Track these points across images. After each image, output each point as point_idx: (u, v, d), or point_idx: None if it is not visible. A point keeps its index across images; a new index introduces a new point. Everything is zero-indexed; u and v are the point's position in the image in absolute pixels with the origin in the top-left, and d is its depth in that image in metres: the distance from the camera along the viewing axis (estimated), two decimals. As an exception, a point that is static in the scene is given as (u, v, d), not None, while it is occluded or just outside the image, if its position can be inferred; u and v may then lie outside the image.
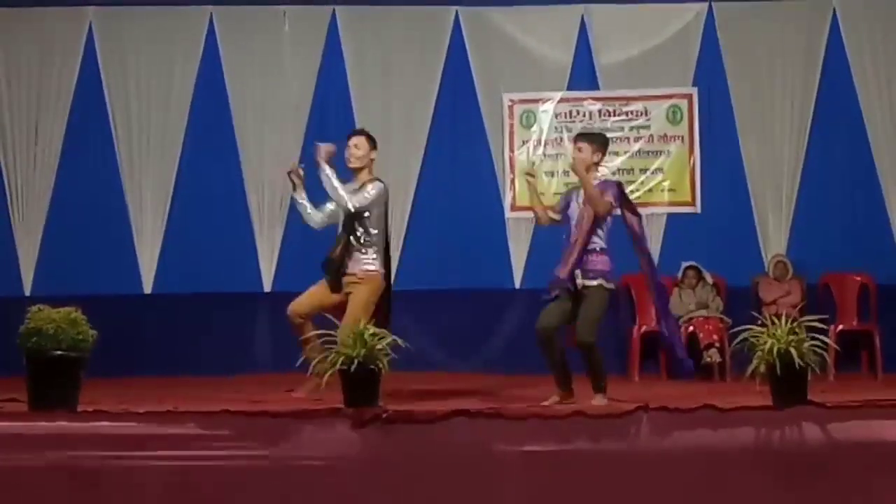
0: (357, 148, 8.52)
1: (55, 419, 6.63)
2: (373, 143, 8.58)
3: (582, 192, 8.15)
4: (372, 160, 8.55)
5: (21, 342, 6.80)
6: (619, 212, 8.22)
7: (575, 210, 8.18)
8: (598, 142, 8.39)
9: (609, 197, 8.11)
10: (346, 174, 8.52)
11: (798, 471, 6.39)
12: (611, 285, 8.10)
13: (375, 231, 8.43)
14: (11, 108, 11.91)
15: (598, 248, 8.07)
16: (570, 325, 8.00)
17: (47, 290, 10.55)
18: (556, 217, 8.33)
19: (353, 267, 8.36)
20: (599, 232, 8.08)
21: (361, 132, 8.67)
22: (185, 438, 6.55)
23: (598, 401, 7.85)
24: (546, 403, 7.67)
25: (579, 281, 8.00)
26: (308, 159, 8.80)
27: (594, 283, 8.01)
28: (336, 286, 8.32)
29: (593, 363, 8.02)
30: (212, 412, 6.83)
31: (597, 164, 8.31)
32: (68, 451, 6.47)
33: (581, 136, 8.46)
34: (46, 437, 6.52)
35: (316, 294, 8.37)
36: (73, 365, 6.82)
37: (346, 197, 8.31)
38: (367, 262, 8.36)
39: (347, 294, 8.30)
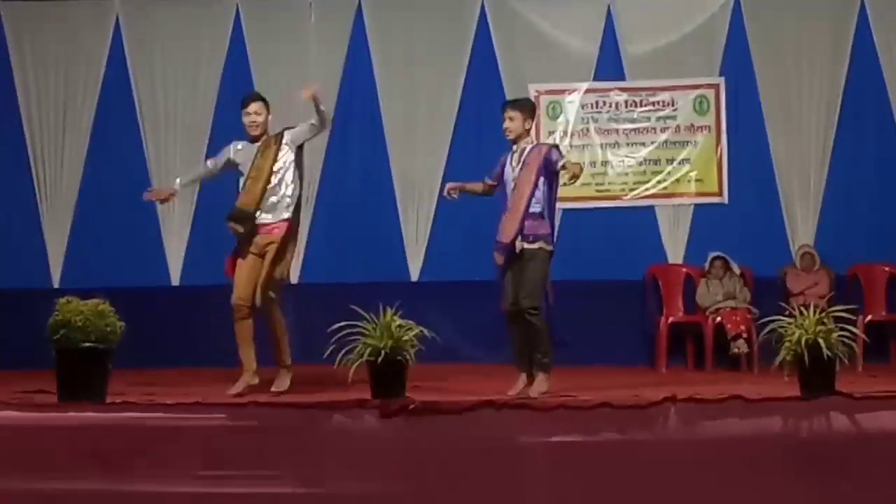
0: (258, 114, 8.55)
1: (83, 410, 6.68)
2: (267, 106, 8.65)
3: (516, 155, 8.12)
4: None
5: (50, 334, 6.85)
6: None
7: (510, 174, 8.14)
8: (529, 108, 8.39)
9: (562, 159, 8.01)
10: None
11: (826, 461, 6.38)
12: (550, 247, 8.02)
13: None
14: (39, 101, 11.99)
15: (537, 212, 8.00)
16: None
17: (75, 283, 10.60)
18: (493, 183, 8.31)
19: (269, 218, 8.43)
20: (538, 195, 8.01)
21: (259, 97, 8.70)
22: (212, 430, 6.58)
23: (540, 385, 7.76)
24: (513, 392, 7.64)
25: (519, 244, 7.94)
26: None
27: (534, 246, 7.95)
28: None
29: (535, 332, 7.88)
30: (239, 403, 6.87)
31: (528, 130, 8.25)
32: (96, 441, 6.51)
33: (511, 105, 8.38)
34: (75, 428, 6.57)
35: (245, 275, 8.38)
36: (101, 356, 6.87)
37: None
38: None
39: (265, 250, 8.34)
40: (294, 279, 11.48)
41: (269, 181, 8.39)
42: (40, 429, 6.59)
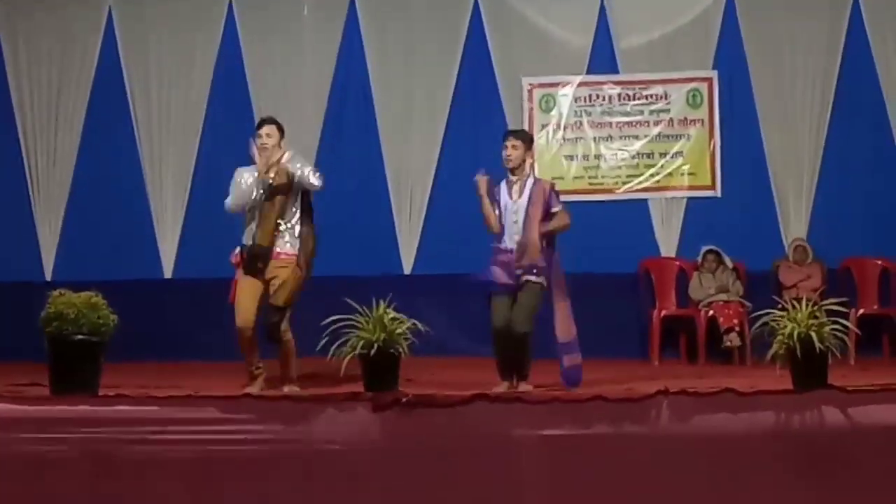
0: (269, 137, 8.43)
1: (76, 403, 6.67)
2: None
3: (516, 186, 8.32)
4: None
5: (42, 327, 6.84)
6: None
7: (509, 204, 8.31)
8: (529, 140, 8.63)
9: (559, 206, 8.38)
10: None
11: (818, 454, 6.38)
12: (545, 281, 8.22)
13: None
14: (32, 94, 11.99)
15: (542, 248, 8.24)
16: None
17: (68, 275, 10.61)
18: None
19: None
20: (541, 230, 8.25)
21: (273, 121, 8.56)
22: (205, 422, 6.57)
23: (525, 388, 8.02)
24: (499, 390, 7.71)
25: (526, 276, 8.18)
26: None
27: (536, 278, 8.17)
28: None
29: (523, 353, 8.15)
30: (232, 396, 6.87)
31: (525, 162, 8.46)
32: (89, 434, 6.50)
33: (514, 134, 8.60)
34: (68, 421, 6.56)
35: (253, 296, 8.30)
36: (94, 349, 6.87)
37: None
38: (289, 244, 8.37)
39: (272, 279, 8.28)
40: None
41: (280, 214, 8.35)
42: (33, 421, 6.57)
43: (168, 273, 11.85)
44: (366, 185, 11.80)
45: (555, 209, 8.32)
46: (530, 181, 8.38)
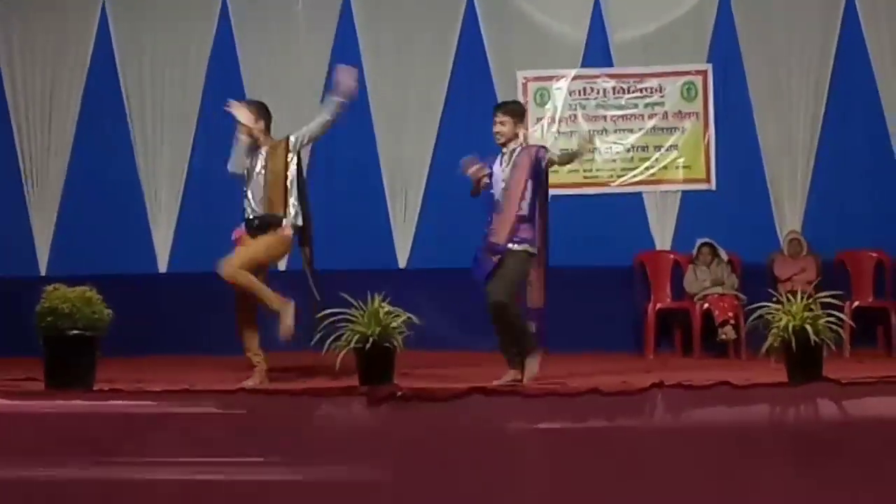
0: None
1: (71, 398, 6.66)
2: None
3: (506, 156, 8.13)
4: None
5: (37, 321, 6.83)
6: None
7: (499, 174, 8.13)
8: (520, 112, 8.43)
9: (555, 154, 8.24)
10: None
11: (813, 447, 6.38)
12: (533, 249, 8.04)
13: None
14: (26, 89, 11.98)
15: (524, 215, 8.01)
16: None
17: (62, 270, 10.58)
18: (487, 181, 8.25)
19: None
20: (527, 196, 8.02)
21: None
22: (201, 417, 6.57)
23: (532, 367, 7.84)
24: (499, 382, 7.60)
25: (507, 246, 7.98)
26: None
27: (519, 247, 7.96)
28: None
29: (511, 326, 7.89)
30: (228, 391, 6.86)
31: (517, 134, 8.26)
32: (84, 429, 6.50)
33: (502, 109, 8.37)
34: (63, 416, 6.55)
35: (246, 250, 8.31)
36: (89, 344, 6.85)
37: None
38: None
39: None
40: (282, 266, 11.48)
41: (286, 187, 8.36)
42: (28, 416, 6.57)
43: (163, 267, 11.85)
44: (360, 178, 11.80)
45: (546, 159, 8.08)
46: (518, 148, 8.17)
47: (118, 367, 7.68)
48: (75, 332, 6.79)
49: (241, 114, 8.45)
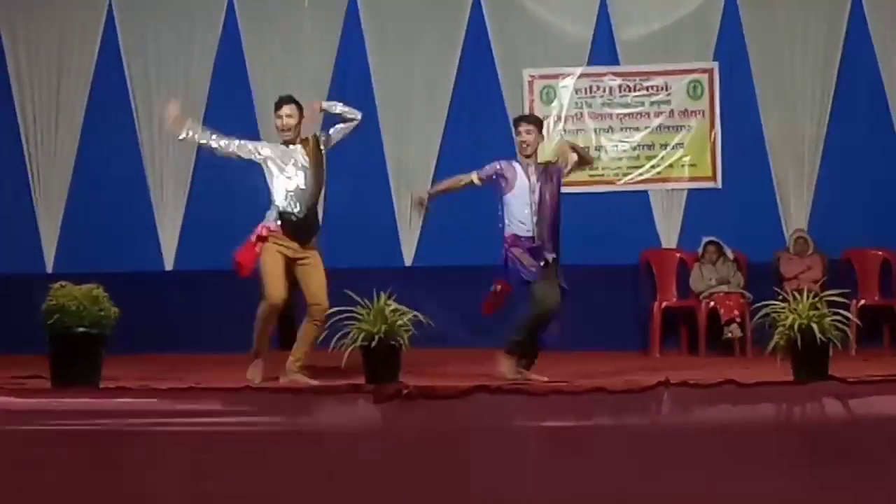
0: (290, 117, 8.44)
1: (77, 395, 6.67)
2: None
3: (530, 167, 8.40)
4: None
5: (43, 319, 6.84)
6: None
7: (526, 184, 8.36)
8: (541, 124, 8.72)
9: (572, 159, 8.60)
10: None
11: (819, 446, 6.39)
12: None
13: None
14: (32, 87, 11.96)
15: (559, 227, 8.42)
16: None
17: (69, 268, 10.58)
18: (479, 183, 8.54)
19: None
20: (559, 210, 8.43)
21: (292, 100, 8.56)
22: (207, 414, 6.58)
23: (510, 368, 8.14)
24: (543, 379, 7.75)
25: (550, 255, 8.33)
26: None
27: (557, 257, 8.37)
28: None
29: (544, 328, 8.26)
30: (234, 388, 6.87)
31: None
32: (90, 427, 6.50)
33: (527, 119, 8.67)
34: (69, 413, 6.56)
35: (282, 273, 8.21)
36: (96, 342, 6.87)
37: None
38: None
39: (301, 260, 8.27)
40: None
41: (320, 185, 8.38)
42: (34, 414, 6.58)
43: (169, 265, 11.84)
44: (366, 176, 11.78)
45: (566, 170, 8.56)
46: (550, 164, 8.54)
47: (124, 364, 7.69)
48: (82, 329, 6.81)
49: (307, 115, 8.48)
